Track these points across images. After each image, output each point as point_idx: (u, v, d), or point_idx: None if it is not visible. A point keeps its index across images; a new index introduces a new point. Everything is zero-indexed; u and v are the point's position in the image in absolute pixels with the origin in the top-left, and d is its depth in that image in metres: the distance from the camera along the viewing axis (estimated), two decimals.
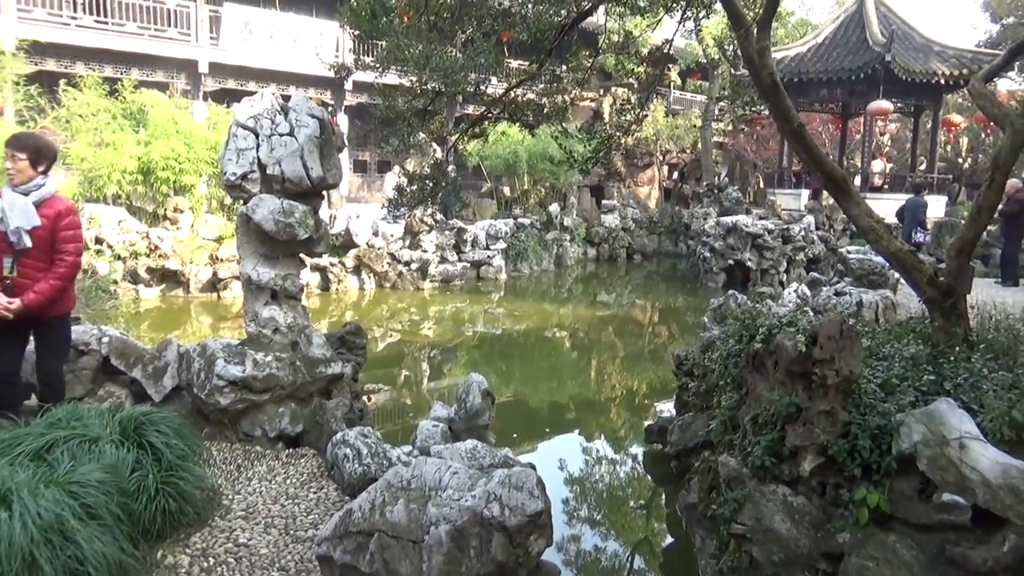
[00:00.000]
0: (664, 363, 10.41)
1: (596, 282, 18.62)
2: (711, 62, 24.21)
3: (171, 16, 17.82)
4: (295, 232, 5.12)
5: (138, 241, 12.11)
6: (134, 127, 13.61)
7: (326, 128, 5.40)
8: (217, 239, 13.09)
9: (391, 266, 14.82)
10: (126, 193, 12.84)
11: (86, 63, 16.14)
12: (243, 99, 5.51)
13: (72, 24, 16.27)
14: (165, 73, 17.71)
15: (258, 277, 5.19)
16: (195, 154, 13.08)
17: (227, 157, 5.23)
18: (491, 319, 13.16)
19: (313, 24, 19.93)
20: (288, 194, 5.23)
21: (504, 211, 19.75)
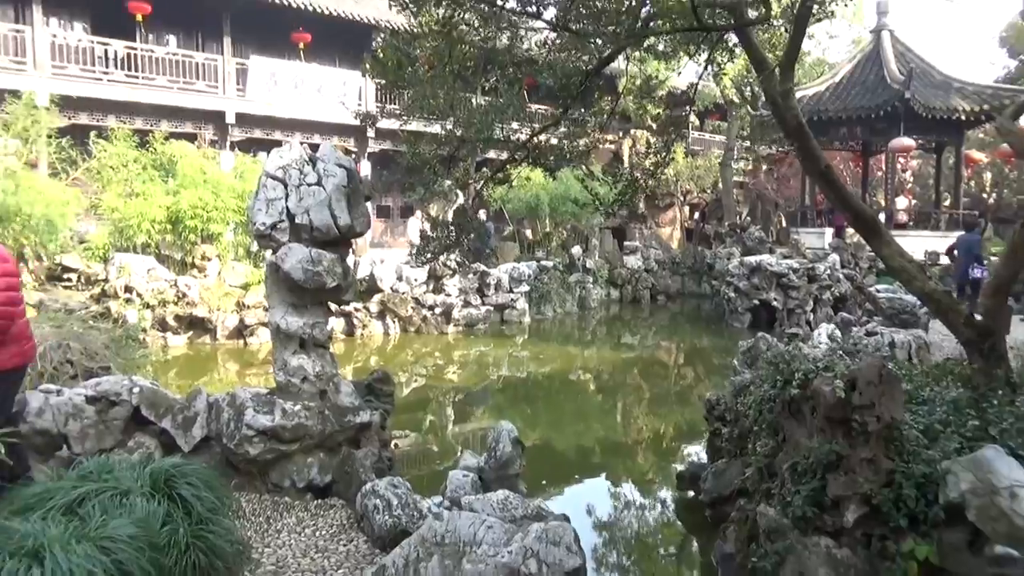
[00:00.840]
0: (691, 405, 10.27)
1: (620, 324, 18.52)
2: (729, 103, 24.37)
3: (199, 69, 18.31)
4: (323, 281, 5.16)
5: (166, 289, 12.26)
6: (163, 177, 13.90)
7: (353, 177, 5.47)
8: (243, 286, 13.22)
9: (415, 311, 14.86)
10: (155, 242, 13.06)
11: (117, 116, 16.57)
12: (272, 150, 5.61)
13: (104, 79, 16.76)
14: (193, 124, 18.14)
15: (287, 326, 5.21)
16: (222, 203, 13.30)
17: (257, 207, 5.31)
18: (515, 363, 13.10)
19: (336, 74, 20.38)
20: (316, 243, 5.28)
21: (527, 254, 19.80)
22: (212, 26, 18.80)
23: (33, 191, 10.62)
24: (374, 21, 20.06)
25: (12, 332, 4.06)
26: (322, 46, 20.34)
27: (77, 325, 8.41)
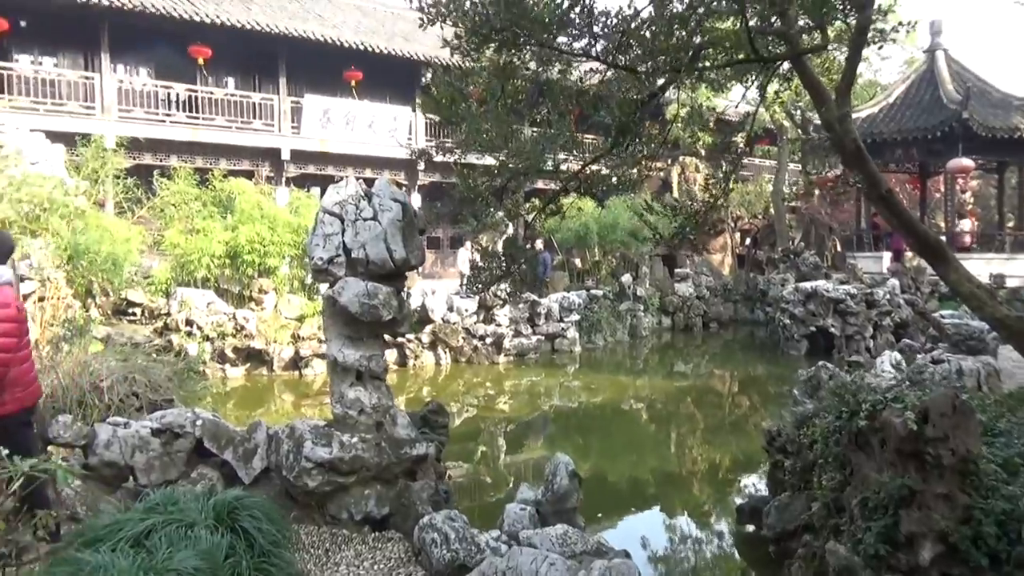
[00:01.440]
0: (748, 435, 10.04)
1: (672, 352, 18.27)
2: (779, 127, 24.10)
3: (256, 109, 18.94)
4: (379, 314, 5.22)
5: (225, 322, 12.57)
6: (222, 213, 14.33)
7: (408, 211, 5.56)
8: (298, 318, 13.48)
9: (466, 341, 14.92)
10: (215, 276, 13.43)
11: (179, 156, 17.21)
12: (325, 184, 5.75)
13: (167, 121, 17.46)
14: (251, 162, 18.72)
15: (344, 359, 5.28)
16: (278, 237, 13.62)
17: (314, 242, 5.42)
18: (567, 392, 13.01)
19: (387, 110, 20.83)
20: (372, 276, 5.36)
21: (576, 283, 19.76)
22: (268, 67, 19.46)
23: (101, 229, 11.05)
24: (423, 57, 20.52)
25: (11, 377, 4.04)
26: (373, 83, 20.84)
27: (142, 358, 8.66)
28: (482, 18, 4.55)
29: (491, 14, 4.47)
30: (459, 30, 5.07)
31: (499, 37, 4.65)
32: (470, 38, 4.79)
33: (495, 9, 4.43)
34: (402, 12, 26.74)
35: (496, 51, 5.07)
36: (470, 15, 4.61)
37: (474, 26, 4.59)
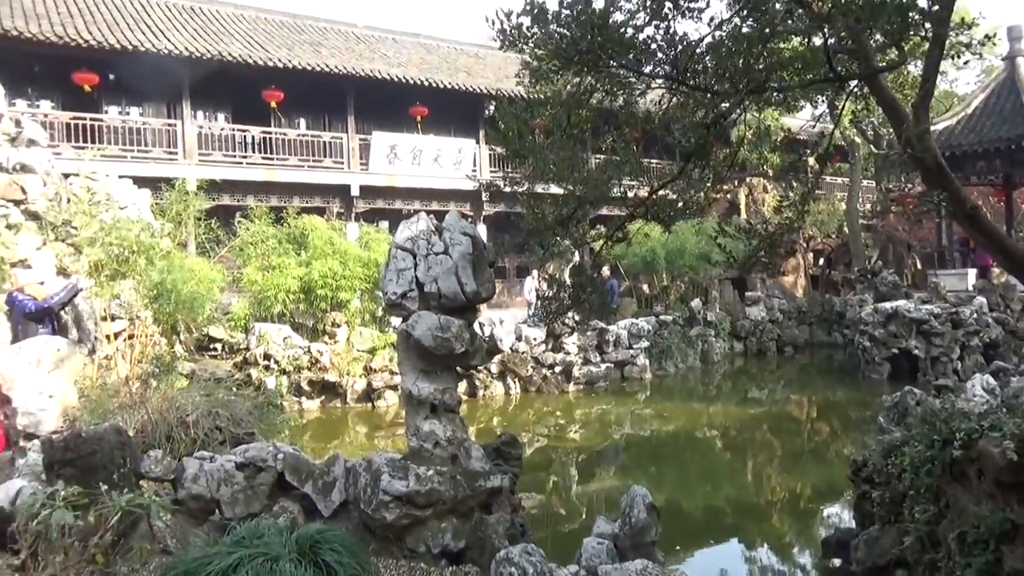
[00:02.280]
0: (829, 463, 9.69)
1: (746, 378, 17.82)
2: (851, 143, 23.46)
3: (327, 147, 19.59)
4: (452, 346, 5.28)
5: (301, 356, 12.91)
6: (296, 250, 14.78)
7: (478, 244, 5.63)
8: (370, 350, 13.73)
9: (535, 370, 14.91)
10: (290, 311, 13.83)
11: (255, 195, 17.89)
12: (392, 218, 5.89)
13: (244, 162, 18.22)
14: (322, 198, 19.31)
15: (418, 392, 5.35)
16: (350, 271, 13.95)
17: (388, 277, 5.54)
18: (638, 420, 12.83)
19: (452, 143, 21.22)
20: (444, 310, 5.44)
21: (644, 309, 19.55)
22: (338, 107, 20.13)
23: (184, 269, 11.54)
24: (486, 90, 20.88)
25: None
26: (438, 117, 21.30)
27: (223, 393, 8.96)
28: (567, 40, 4.59)
29: (577, 36, 4.52)
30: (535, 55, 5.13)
31: (582, 60, 4.68)
32: (551, 61, 4.83)
33: (581, 31, 4.47)
34: (464, 47, 27.35)
35: (575, 74, 5.11)
36: (555, 38, 4.66)
37: (557, 48, 4.65)
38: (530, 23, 4.56)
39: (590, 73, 4.99)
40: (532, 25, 4.56)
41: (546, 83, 5.43)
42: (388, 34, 25.43)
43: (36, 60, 16.44)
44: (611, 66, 4.89)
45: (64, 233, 11.25)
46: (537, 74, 5.52)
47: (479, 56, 26.54)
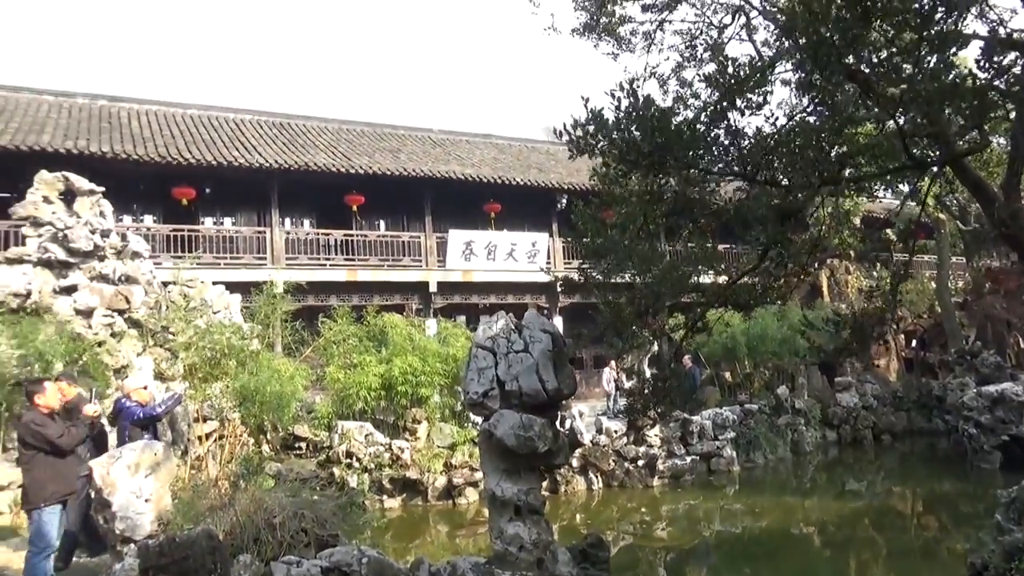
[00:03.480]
0: (941, 562, 8.99)
1: (842, 469, 16.86)
2: (934, 220, 22.74)
3: (405, 247, 20.27)
4: (535, 446, 5.24)
5: (383, 453, 12.97)
6: (376, 347, 15.10)
7: (557, 341, 5.65)
8: (450, 446, 13.69)
9: (617, 463, 14.53)
10: (371, 408, 14.01)
11: (338, 295, 18.54)
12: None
13: (327, 264, 19.00)
14: (401, 296, 19.85)
15: (502, 493, 5.29)
16: (429, 367, 14.11)
17: (469, 377, 5.59)
18: (728, 516, 12.24)
19: (526, 237, 21.63)
20: (526, 408, 5.42)
21: (727, 397, 18.95)
22: (415, 207, 20.93)
23: (271, 370, 11.93)
24: (557, 185, 21.41)
25: None
26: (511, 213, 21.84)
27: (308, 493, 9.06)
28: (629, 145, 4.73)
29: (638, 140, 4.65)
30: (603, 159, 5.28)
31: (646, 162, 4.80)
32: (617, 166, 4.98)
33: (643, 135, 4.60)
34: (536, 145, 28.27)
35: (643, 176, 5.23)
36: (617, 143, 4.81)
37: (621, 153, 4.78)
38: (593, 131, 4.72)
39: (656, 174, 5.10)
40: (596, 132, 4.72)
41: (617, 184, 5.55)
42: (462, 136, 26.57)
43: (141, 178, 17.82)
44: (676, 165, 4.98)
45: (162, 339, 11.87)
46: (607, 179, 5.66)
47: (549, 152, 27.33)
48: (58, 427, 6.29)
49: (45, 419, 6.26)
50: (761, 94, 4.82)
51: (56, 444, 6.18)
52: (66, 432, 6.28)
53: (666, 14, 7.11)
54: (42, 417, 6.24)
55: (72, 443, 6.40)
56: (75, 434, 6.41)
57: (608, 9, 6.39)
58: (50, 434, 6.16)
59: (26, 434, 6.19)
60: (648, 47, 6.78)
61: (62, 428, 6.30)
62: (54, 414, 6.42)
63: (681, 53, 7.50)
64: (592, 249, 5.54)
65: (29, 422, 6.20)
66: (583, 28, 6.56)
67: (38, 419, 6.21)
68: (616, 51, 6.72)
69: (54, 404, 6.43)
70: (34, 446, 6.15)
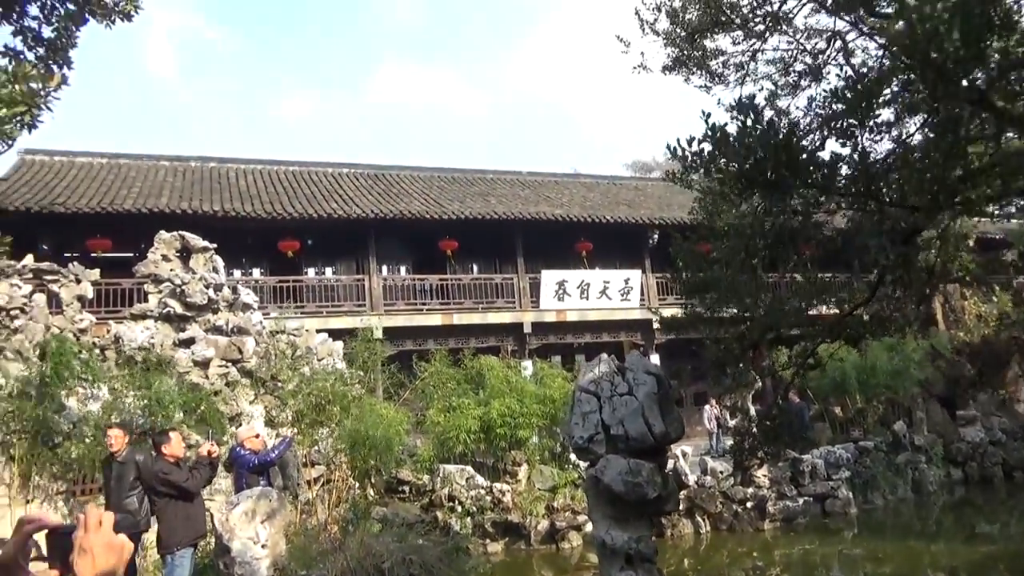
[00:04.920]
0: None
1: (971, 510, 15.65)
2: None
3: (499, 289, 20.48)
4: (644, 492, 5.10)
5: (484, 496, 12.95)
6: (474, 390, 15.20)
7: (662, 383, 5.53)
8: (551, 489, 13.53)
9: (724, 506, 13.96)
10: (471, 451, 14.05)
11: (435, 339, 18.85)
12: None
13: (424, 309, 19.40)
14: (496, 338, 19.99)
15: (612, 541, 5.16)
16: (527, 409, 14.07)
17: (573, 421, 5.53)
18: (848, 563, 11.55)
19: (618, 275, 21.46)
20: (633, 452, 5.30)
21: (840, 434, 18.01)
22: (507, 249, 21.16)
23: (374, 415, 12.19)
24: (648, 221, 21.23)
25: None
26: (602, 250, 21.77)
27: (413, 537, 9.14)
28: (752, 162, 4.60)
29: (762, 157, 4.53)
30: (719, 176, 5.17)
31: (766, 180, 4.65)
32: (734, 184, 4.84)
33: (766, 151, 4.48)
34: (623, 182, 28.25)
35: (762, 196, 5.09)
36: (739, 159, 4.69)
37: (740, 171, 4.67)
38: (711, 147, 4.62)
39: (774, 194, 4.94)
40: (714, 149, 4.62)
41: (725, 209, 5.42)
42: (550, 177, 26.82)
43: (249, 233, 18.80)
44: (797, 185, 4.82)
45: (272, 387, 12.35)
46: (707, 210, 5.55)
47: (638, 188, 27.20)
48: (183, 472, 6.61)
49: (171, 467, 6.59)
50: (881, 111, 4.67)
51: (184, 488, 6.50)
52: (191, 476, 6.59)
53: (758, 44, 7.00)
54: (169, 465, 6.58)
55: (198, 486, 6.72)
56: (200, 477, 6.72)
57: (699, 43, 6.35)
58: (177, 479, 6.48)
59: (156, 483, 6.54)
60: (742, 79, 6.68)
61: (187, 473, 6.62)
62: (179, 462, 6.76)
63: (775, 82, 7.35)
64: (694, 285, 5.42)
65: (158, 471, 6.54)
66: (674, 64, 6.54)
67: (165, 467, 6.55)
68: (709, 84, 6.65)
69: (179, 453, 6.77)
70: (165, 493, 6.47)
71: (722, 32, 6.37)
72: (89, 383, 10.16)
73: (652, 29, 6.19)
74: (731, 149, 4.41)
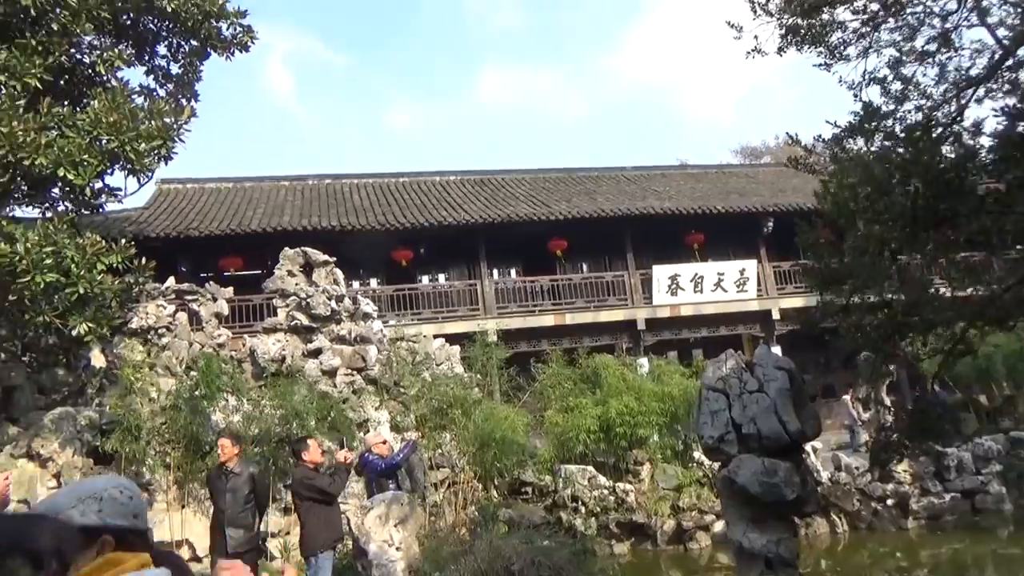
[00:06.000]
0: None
1: None
2: None
3: (610, 287, 20.29)
4: (782, 492, 4.90)
5: (607, 496, 12.86)
6: (591, 389, 15.12)
7: (795, 379, 5.29)
8: (676, 488, 13.28)
9: (862, 503, 13.26)
10: (591, 451, 13.98)
11: (548, 340, 18.88)
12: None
13: (536, 311, 19.48)
14: (610, 336, 19.82)
15: (749, 544, 4.99)
16: (645, 407, 13.85)
17: (701, 420, 5.38)
18: (1005, 563, 10.74)
19: (733, 266, 20.81)
20: (767, 452, 5.10)
21: (987, 424, 16.75)
22: (616, 246, 20.94)
23: (494, 417, 12.35)
24: (761, 208, 20.47)
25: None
26: (715, 242, 21.17)
27: (539, 538, 9.18)
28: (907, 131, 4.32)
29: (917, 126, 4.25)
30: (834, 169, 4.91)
31: (922, 150, 4.35)
32: (893, 155, 4.56)
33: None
34: (733, 170, 27.40)
35: (922, 170, 4.78)
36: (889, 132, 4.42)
37: (892, 143, 4.38)
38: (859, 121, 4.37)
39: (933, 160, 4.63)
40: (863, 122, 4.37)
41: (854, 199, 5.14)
42: (656, 171, 26.35)
43: (364, 246, 19.47)
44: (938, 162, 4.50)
45: (395, 393, 12.73)
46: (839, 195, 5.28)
47: (749, 175, 26.28)
48: (326, 477, 6.91)
49: (314, 472, 6.91)
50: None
51: (328, 492, 6.80)
52: (332, 481, 6.87)
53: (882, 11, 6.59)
54: (310, 471, 6.89)
55: (339, 490, 6.99)
56: (340, 481, 7.00)
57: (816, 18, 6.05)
58: (322, 484, 6.77)
59: (300, 488, 6.84)
60: (865, 51, 6.30)
61: (329, 478, 6.91)
62: (317, 467, 7.07)
63: (899, 49, 6.88)
64: (827, 275, 5.15)
65: (302, 478, 6.86)
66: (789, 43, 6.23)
67: (308, 473, 6.86)
68: (829, 60, 6.31)
69: (318, 459, 7.08)
70: (308, 498, 6.78)
71: (841, 4, 6.04)
72: (231, 395, 10.81)
73: (764, 10, 5.94)
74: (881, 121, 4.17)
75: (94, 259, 8.10)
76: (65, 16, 8.83)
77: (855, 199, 5.07)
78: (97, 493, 1.79)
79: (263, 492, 7.34)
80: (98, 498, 1.78)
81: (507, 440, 12.26)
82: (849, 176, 5.22)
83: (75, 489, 1.83)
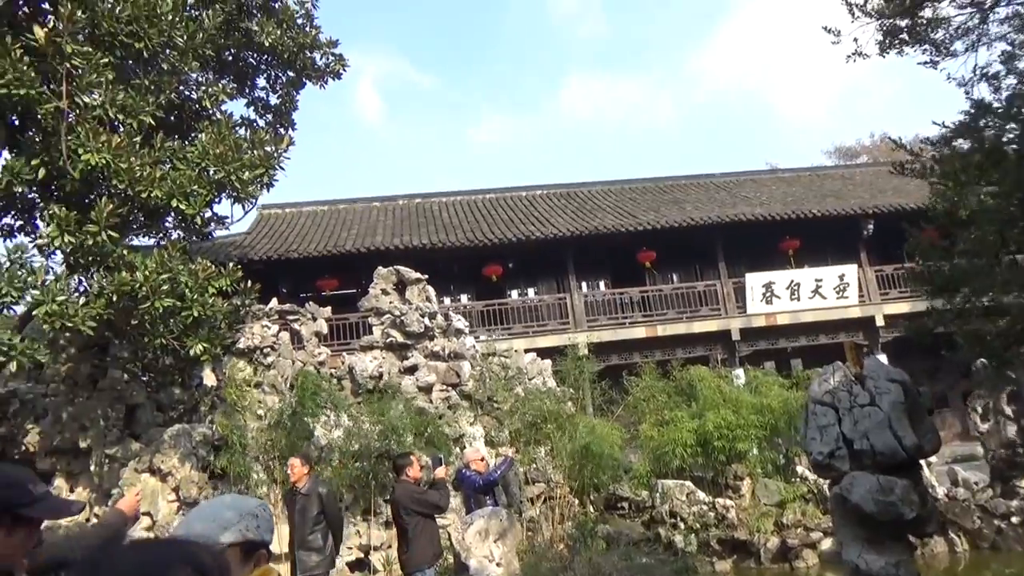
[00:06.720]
0: None
1: None
2: None
3: (701, 297, 19.89)
4: (899, 511, 4.66)
5: (707, 512, 12.53)
6: (686, 402, 14.80)
7: (910, 391, 5.04)
8: (778, 504, 12.81)
9: (984, 521, 12.42)
10: (688, 465, 13.68)
11: (640, 352, 18.67)
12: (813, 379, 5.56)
13: (626, 323, 19.30)
14: (703, 347, 19.41)
15: (866, 566, 4.76)
16: (743, 420, 13.45)
17: (810, 436, 5.20)
18: None
19: (831, 271, 20.05)
20: (881, 468, 4.87)
21: None
22: (707, 255, 20.53)
23: (589, 431, 12.26)
24: (860, 211, 19.68)
25: None
26: (811, 247, 20.45)
27: (638, 555, 9.05)
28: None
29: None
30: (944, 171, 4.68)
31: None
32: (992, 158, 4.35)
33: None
34: (827, 172, 26.41)
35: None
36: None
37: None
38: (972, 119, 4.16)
39: None
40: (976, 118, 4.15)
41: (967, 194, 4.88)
42: (745, 176, 25.72)
43: (454, 262, 19.84)
44: None
45: (489, 408, 12.84)
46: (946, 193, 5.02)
47: (844, 176, 25.30)
48: (435, 493, 7.01)
49: (420, 488, 7.04)
50: None
51: (440, 506, 6.91)
52: (441, 495, 6.98)
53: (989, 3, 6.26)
54: (417, 487, 7.03)
55: (447, 505, 7.08)
56: (446, 496, 7.11)
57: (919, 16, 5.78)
58: (434, 500, 6.88)
59: (410, 503, 6.90)
60: (974, 45, 5.97)
61: (437, 493, 7.02)
62: (417, 483, 7.20)
63: (1011, 43, 6.51)
64: (941, 281, 4.89)
65: (412, 492, 6.97)
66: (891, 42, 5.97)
67: (417, 489, 7.00)
68: (935, 58, 6.01)
69: (419, 474, 7.22)
70: (419, 512, 6.87)
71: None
72: (332, 411, 11.17)
73: (863, 11, 5.72)
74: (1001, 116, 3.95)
75: (206, 283, 8.57)
76: (174, 56, 9.41)
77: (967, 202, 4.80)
78: (253, 511, 2.00)
79: (334, 513, 7.19)
80: (254, 515, 1.98)
81: (603, 454, 12.15)
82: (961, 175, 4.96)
83: (230, 506, 2.03)
